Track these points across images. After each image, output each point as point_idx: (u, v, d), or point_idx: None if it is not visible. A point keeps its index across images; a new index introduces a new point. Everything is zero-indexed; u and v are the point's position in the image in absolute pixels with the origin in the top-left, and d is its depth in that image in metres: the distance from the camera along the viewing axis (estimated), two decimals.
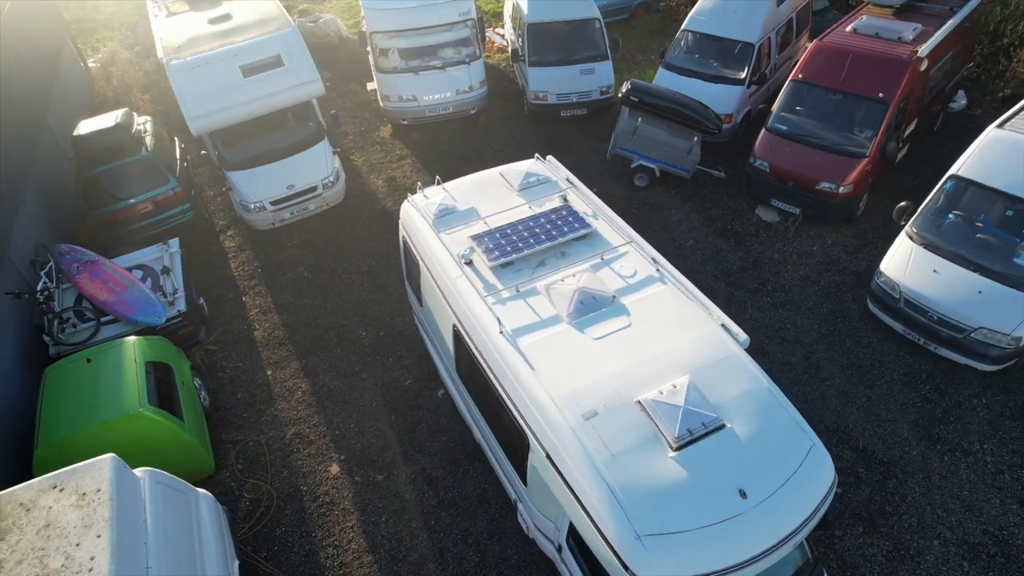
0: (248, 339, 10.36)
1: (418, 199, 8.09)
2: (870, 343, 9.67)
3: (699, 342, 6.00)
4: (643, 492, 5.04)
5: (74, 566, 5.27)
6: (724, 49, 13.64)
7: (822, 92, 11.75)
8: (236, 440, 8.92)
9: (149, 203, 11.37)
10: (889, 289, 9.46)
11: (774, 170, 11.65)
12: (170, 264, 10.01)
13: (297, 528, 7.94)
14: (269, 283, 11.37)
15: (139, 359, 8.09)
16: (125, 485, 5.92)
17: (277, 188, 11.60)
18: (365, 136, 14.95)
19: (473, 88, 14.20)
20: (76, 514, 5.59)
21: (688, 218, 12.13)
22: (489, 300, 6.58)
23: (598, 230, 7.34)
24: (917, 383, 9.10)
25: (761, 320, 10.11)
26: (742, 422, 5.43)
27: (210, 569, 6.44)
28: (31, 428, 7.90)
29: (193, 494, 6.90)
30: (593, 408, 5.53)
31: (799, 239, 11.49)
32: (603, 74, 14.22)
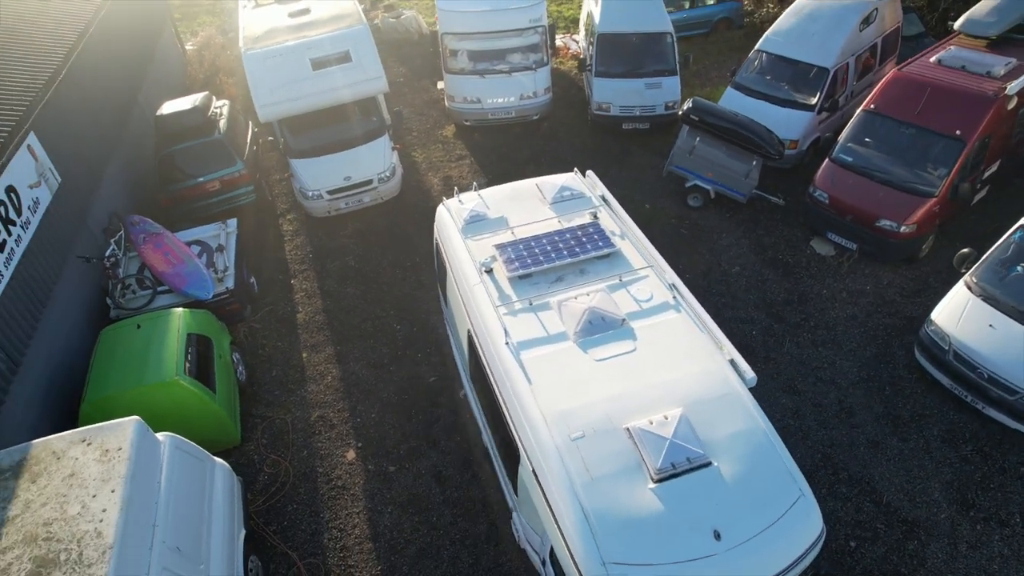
0: (290, 321, 10.86)
1: (453, 203, 8.28)
2: (912, 394, 9.18)
3: (701, 375, 5.90)
4: (616, 520, 5.03)
5: (88, 515, 5.74)
6: (797, 72, 13.20)
7: (894, 125, 11.20)
8: (265, 416, 9.39)
9: (216, 183, 12.08)
10: (938, 339, 8.95)
11: (833, 202, 11.21)
12: (225, 243, 10.62)
13: (307, 507, 8.30)
14: (318, 269, 11.86)
15: (182, 330, 8.64)
16: (145, 447, 6.37)
17: (335, 179, 12.08)
18: (429, 134, 15.32)
19: (537, 94, 14.32)
20: (97, 468, 6.08)
21: (738, 243, 11.82)
22: (501, 310, 6.68)
23: (621, 250, 7.31)
24: (958, 442, 8.57)
25: (798, 356, 9.76)
26: (730, 462, 5.32)
27: (216, 534, 6.84)
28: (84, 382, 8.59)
29: (210, 462, 7.33)
30: (581, 430, 5.55)
31: (852, 276, 11.00)
32: (669, 89, 14.03)
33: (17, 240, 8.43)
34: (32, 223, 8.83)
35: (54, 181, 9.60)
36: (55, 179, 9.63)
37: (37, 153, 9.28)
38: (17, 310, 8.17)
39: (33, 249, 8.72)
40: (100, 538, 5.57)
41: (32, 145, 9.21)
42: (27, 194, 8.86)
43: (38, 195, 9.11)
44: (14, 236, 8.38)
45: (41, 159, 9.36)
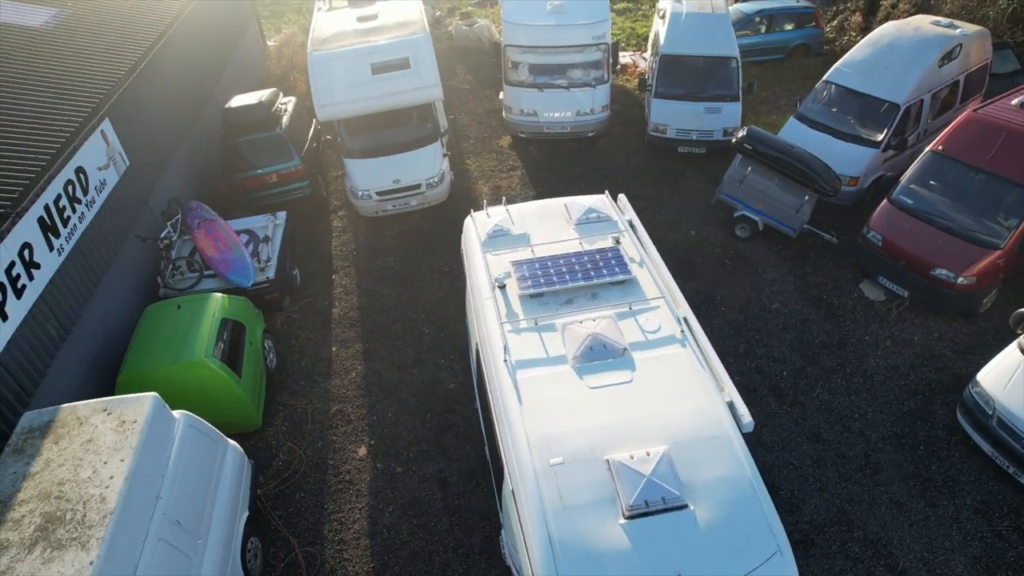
0: (326, 314, 11.24)
1: (480, 216, 8.39)
2: (948, 457, 8.63)
3: (693, 414, 5.77)
4: (580, 552, 4.98)
5: (97, 479, 6.14)
6: (866, 107, 12.65)
7: (963, 169, 10.59)
8: (288, 404, 9.76)
9: (274, 175, 12.66)
10: (982, 402, 8.39)
11: (887, 245, 10.68)
12: (271, 235, 11.11)
13: (314, 497, 8.58)
14: (359, 266, 12.23)
15: (217, 315, 9.09)
16: (159, 422, 6.76)
17: (384, 181, 12.43)
18: (485, 143, 15.53)
19: (594, 111, 14.29)
20: (112, 437, 6.50)
21: (782, 279, 11.43)
22: (506, 327, 6.73)
23: (637, 278, 7.22)
24: (993, 516, 8.00)
25: (828, 403, 9.35)
26: (707, 507, 5.17)
27: (218, 512, 7.17)
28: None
29: (223, 443, 7.69)
30: (562, 455, 5.53)
31: (900, 324, 10.45)
32: (730, 115, 13.72)
33: (80, 217, 9.10)
34: (97, 202, 9.50)
35: (122, 164, 10.30)
36: (123, 162, 10.34)
37: (109, 138, 9.99)
38: (73, 282, 8.80)
39: (95, 226, 9.38)
40: (103, 503, 5.95)
41: (105, 131, 9.92)
42: (95, 175, 9.54)
43: (105, 177, 9.80)
44: (78, 213, 9.05)
45: (112, 143, 10.07)
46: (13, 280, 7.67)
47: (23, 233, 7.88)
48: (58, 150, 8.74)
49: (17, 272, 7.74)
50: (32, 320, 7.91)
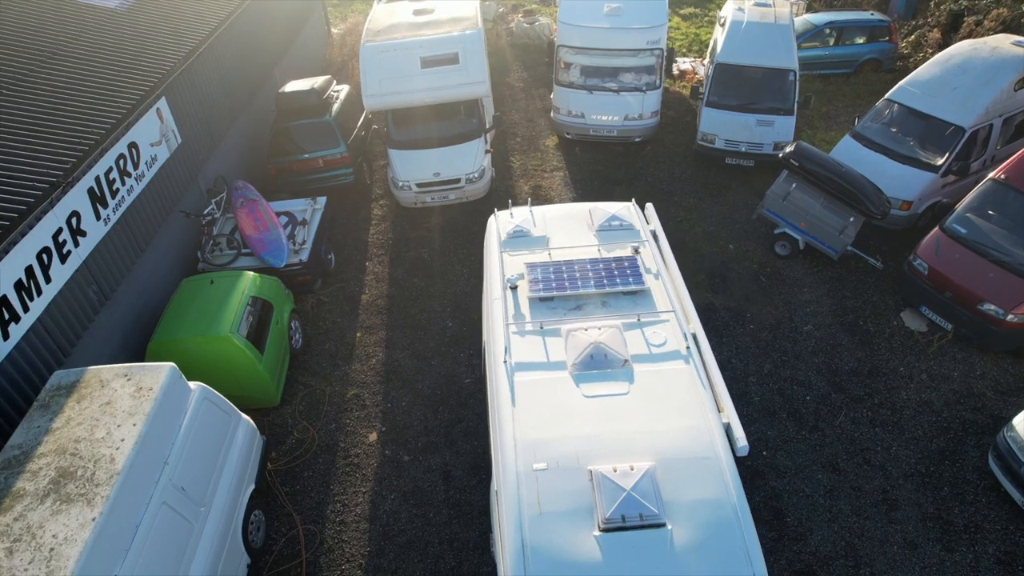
0: (355, 300, 11.50)
1: (504, 215, 8.42)
2: (974, 501, 8.19)
3: (685, 433, 5.66)
4: (551, 560, 4.97)
5: (109, 440, 6.48)
6: (929, 128, 12.05)
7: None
8: (308, 384, 10.04)
9: (320, 161, 13.01)
10: (1017, 448, 7.92)
11: (933, 275, 10.18)
12: (309, 218, 11.43)
13: (321, 477, 8.81)
14: (393, 255, 12.45)
15: (246, 292, 9.42)
16: (173, 392, 7.07)
17: (425, 173, 12.61)
18: (532, 142, 15.54)
19: (643, 117, 14.11)
20: (129, 402, 6.84)
21: (818, 301, 11.04)
22: (511, 328, 6.75)
23: (650, 290, 7.12)
24: (1017, 568, 7.55)
25: (850, 433, 9.00)
26: (685, 529, 5.07)
27: (224, 483, 7.46)
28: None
29: (236, 417, 7.98)
30: (546, 461, 5.52)
31: (940, 359, 9.95)
32: (782, 129, 13.31)
33: (129, 190, 9.58)
34: (146, 177, 9.99)
35: (175, 142, 10.78)
36: (176, 140, 10.82)
37: (164, 116, 10.48)
38: (117, 251, 9.29)
39: (142, 200, 9.86)
40: (112, 464, 6.28)
41: (161, 108, 10.40)
42: (147, 151, 10.03)
43: (157, 152, 10.29)
44: (127, 186, 9.53)
45: (167, 121, 10.55)
46: (59, 246, 8.14)
47: (72, 202, 8.35)
48: (113, 125, 9.22)
49: (64, 239, 8.22)
50: (74, 284, 8.39)
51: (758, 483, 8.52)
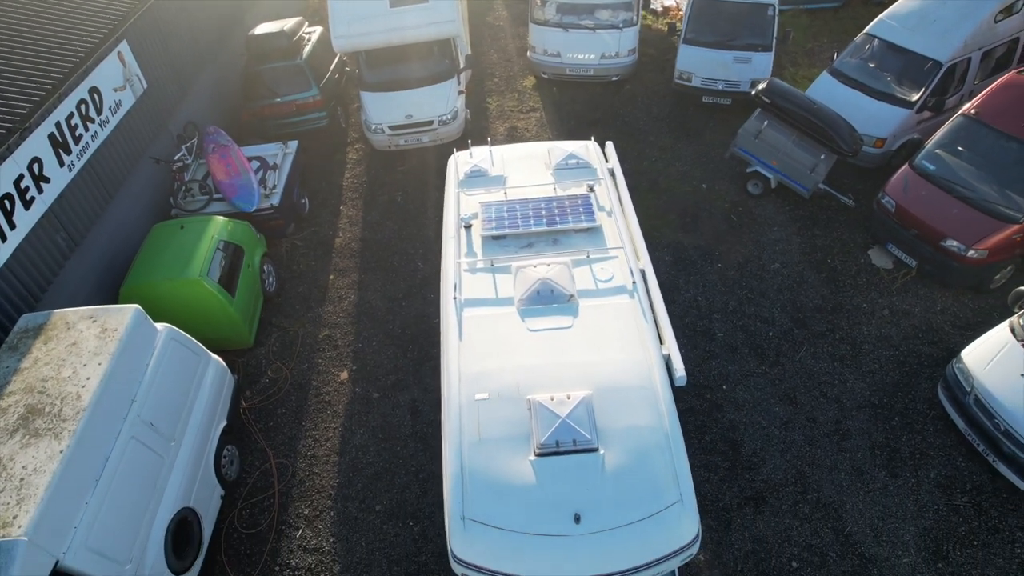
0: (329, 243, 11.61)
1: (463, 155, 8.45)
2: (921, 430, 8.46)
3: (623, 364, 5.85)
4: (486, 481, 5.24)
5: (75, 379, 6.71)
6: (907, 63, 11.87)
7: (995, 137, 9.92)
8: (281, 326, 10.26)
9: (292, 105, 12.91)
10: (963, 379, 8.14)
11: (900, 212, 10.22)
12: (280, 163, 11.43)
13: (293, 414, 9.11)
14: (367, 199, 12.50)
15: (216, 237, 9.53)
16: (138, 332, 7.27)
17: (397, 115, 12.53)
18: (509, 82, 15.34)
19: (619, 55, 13.89)
20: (94, 342, 7.04)
21: (787, 239, 11.11)
22: (463, 265, 6.89)
23: (602, 227, 7.21)
24: (954, 491, 7.87)
25: (809, 367, 9.22)
26: (617, 453, 5.32)
27: (194, 419, 7.75)
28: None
29: (205, 357, 8.21)
30: (488, 392, 5.73)
31: (902, 294, 10.09)
32: (759, 66, 13.11)
33: (93, 136, 9.58)
34: (111, 122, 9.96)
35: (139, 87, 10.70)
36: (141, 85, 10.73)
37: (126, 60, 10.36)
38: (84, 197, 9.36)
39: (108, 146, 9.87)
40: (78, 400, 6.52)
41: (123, 52, 10.28)
42: (110, 96, 9.97)
43: (121, 98, 10.23)
44: (91, 132, 9.52)
45: (129, 65, 10.45)
46: (22, 192, 8.22)
47: (32, 148, 8.38)
48: (71, 69, 9.15)
49: (26, 184, 8.29)
50: (40, 230, 8.50)
51: (716, 416, 8.79)
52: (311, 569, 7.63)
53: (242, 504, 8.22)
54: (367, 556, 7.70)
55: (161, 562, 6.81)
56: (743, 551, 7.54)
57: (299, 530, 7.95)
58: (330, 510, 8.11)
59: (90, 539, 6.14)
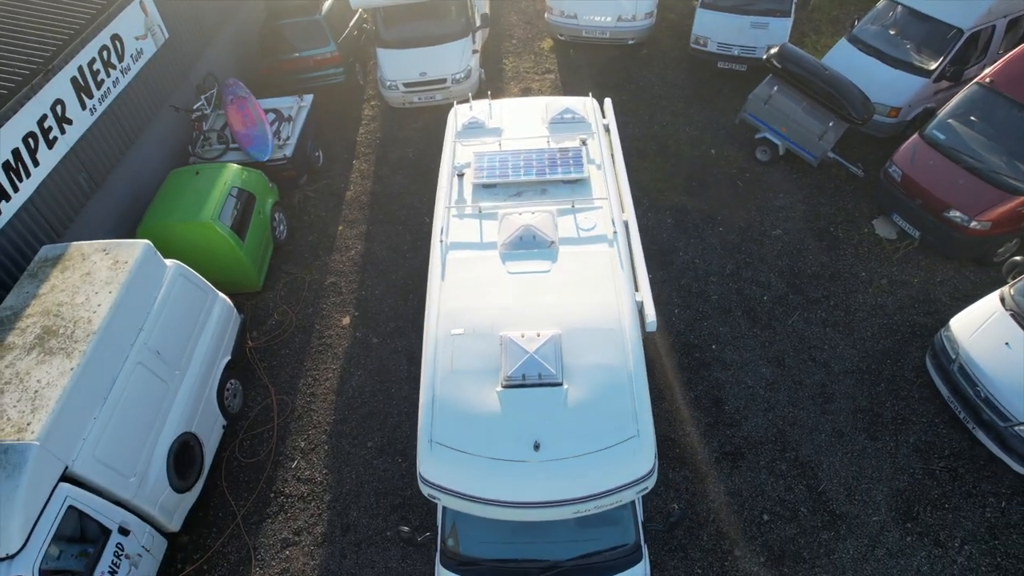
0: (340, 195, 11.95)
1: (463, 108, 8.63)
2: (906, 397, 8.54)
3: (595, 307, 6.07)
4: (454, 408, 5.55)
5: (88, 304, 7.18)
6: (928, 31, 11.62)
7: (1009, 106, 9.74)
8: (290, 272, 10.67)
9: (310, 60, 13.18)
10: (949, 346, 8.19)
11: (905, 181, 10.15)
12: (295, 116, 11.73)
13: (296, 354, 9.54)
14: (379, 154, 12.77)
15: (228, 183, 9.91)
16: (147, 266, 7.70)
17: (411, 72, 12.72)
18: (527, 44, 15.37)
19: (636, 18, 13.82)
20: (106, 273, 7.50)
21: (792, 207, 11.11)
22: (452, 211, 7.14)
23: (590, 179, 7.38)
24: (932, 456, 7.98)
25: (800, 332, 9.32)
26: (580, 389, 5.57)
27: (199, 352, 8.20)
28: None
29: (211, 295, 8.64)
30: (463, 328, 6.02)
31: (903, 265, 10.06)
32: (777, 31, 12.92)
33: (115, 82, 9.98)
34: (132, 70, 10.35)
35: (161, 36, 11.05)
36: (162, 35, 11.08)
37: (148, 10, 10.70)
38: (106, 141, 9.80)
39: (129, 92, 10.27)
40: (89, 324, 6.99)
41: (145, 2, 10.62)
42: (131, 44, 10.34)
43: (142, 47, 10.60)
44: (112, 78, 9.92)
45: (152, 15, 10.79)
46: (45, 131, 8.67)
47: (56, 90, 8.81)
48: (93, 16, 9.52)
49: (49, 125, 8.73)
50: (63, 170, 8.97)
51: (703, 374, 8.98)
52: (303, 497, 8.10)
53: (243, 435, 8.70)
54: (356, 488, 8.13)
55: (163, 479, 7.31)
56: (717, 502, 7.78)
57: (295, 461, 8.41)
58: (324, 444, 8.55)
59: (97, 450, 6.64)
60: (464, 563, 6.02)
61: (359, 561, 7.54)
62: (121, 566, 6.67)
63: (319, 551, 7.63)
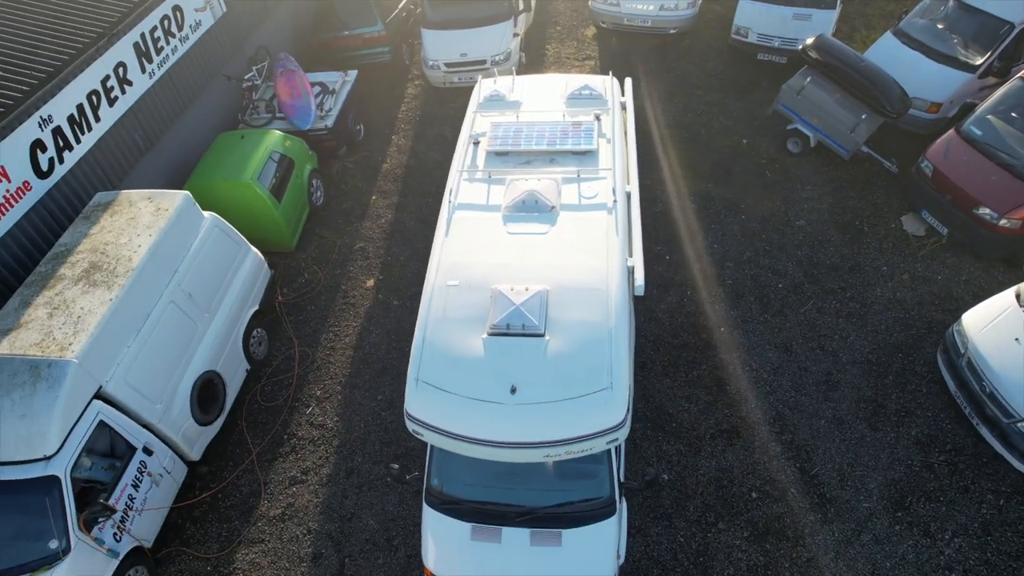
0: (376, 168, 12.50)
1: (487, 82, 8.99)
2: (913, 390, 8.46)
3: (585, 268, 6.33)
4: (441, 350, 5.91)
5: (130, 245, 7.87)
6: (978, 25, 11.34)
7: None
8: (322, 235, 11.27)
9: (359, 38, 13.78)
10: (959, 341, 8.08)
11: (936, 177, 9.97)
12: (338, 90, 12.33)
13: (321, 311, 10.11)
14: (417, 131, 13.27)
15: (270, 148, 10.55)
16: (186, 215, 8.36)
17: (453, 53, 13.15)
18: (571, 30, 15.61)
19: (678, 7, 13.88)
20: (149, 218, 8.19)
21: (819, 199, 11.03)
22: (464, 175, 7.51)
23: (598, 151, 7.61)
24: (932, 449, 7.90)
25: (812, 321, 9.31)
26: (561, 341, 5.84)
27: (229, 299, 8.84)
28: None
29: (244, 248, 9.27)
30: (459, 280, 6.38)
31: (928, 262, 9.90)
32: (820, 23, 12.78)
33: (173, 50, 10.76)
34: (190, 39, 11.12)
35: (219, 9, 11.80)
36: (220, 8, 11.83)
37: None
38: (161, 104, 10.58)
39: (187, 60, 11.04)
40: (129, 262, 7.68)
41: None
42: (191, 16, 11.11)
43: (201, 18, 11.35)
44: (171, 46, 10.70)
45: None
46: (107, 91, 9.46)
47: (118, 53, 9.59)
48: None
49: (111, 85, 9.52)
50: (121, 127, 9.76)
51: (708, 354, 9.09)
52: (314, 440, 8.63)
53: (265, 381, 9.31)
54: (363, 436, 8.62)
55: (186, 410, 7.95)
56: (707, 476, 7.92)
57: (309, 408, 8.97)
58: (338, 394, 9.07)
59: (129, 375, 7.31)
60: (446, 502, 6.40)
61: (359, 502, 8.01)
62: (143, 482, 7.33)
63: (323, 490, 8.15)
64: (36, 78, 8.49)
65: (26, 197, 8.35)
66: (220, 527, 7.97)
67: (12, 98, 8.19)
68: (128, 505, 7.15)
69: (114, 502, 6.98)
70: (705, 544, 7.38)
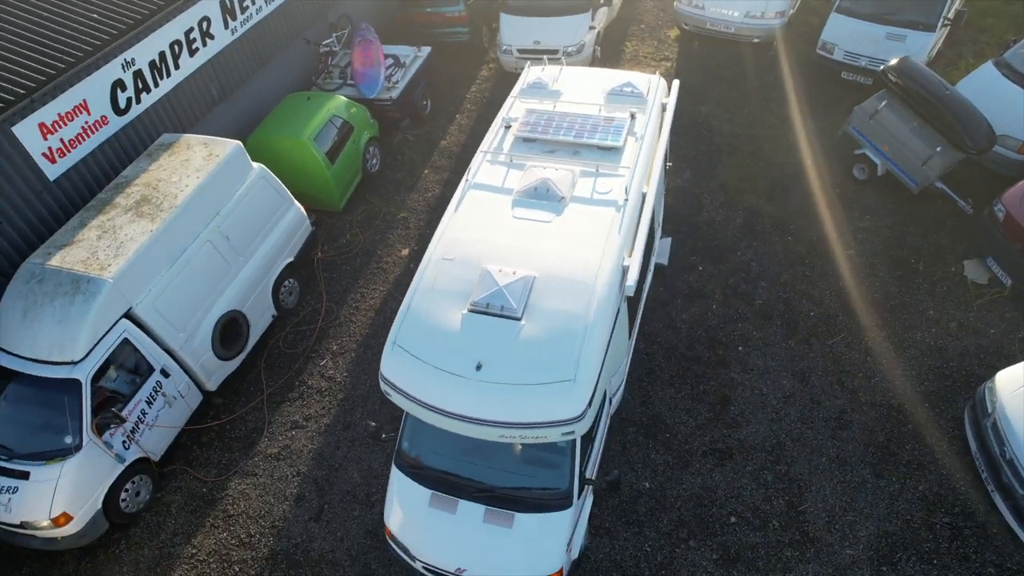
0: (435, 143, 12.83)
1: (535, 70, 9.06)
2: (930, 444, 7.94)
3: (576, 260, 6.33)
4: (420, 319, 6.12)
5: (179, 184, 8.51)
6: None
7: None
8: (370, 201, 11.71)
9: (441, 16, 14.12)
10: (988, 399, 7.51)
11: (1008, 223, 9.23)
12: (409, 64, 12.70)
13: (353, 272, 10.55)
14: (481, 113, 13.49)
15: (332, 112, 11.06)
16: (234, 163, 8.93)
17: (527, 39, 13.27)
18: (654, 30, 15.35)
19: (765, 16, 13.38)
20: (200, 161, 8.81)
21: (876, 230, 10.43)
22: (487, 156, 7.64)
23: (623, 149, 7.55)
24: (938, 509, 7.41)
25: (838, 355, 8.87)
26: (536, 327, 5.90)
27: (265, 247, 9.39)
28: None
29: (288, 201, 9.79)
30: (455, 255, 6.55)
31: (983, 313, 9.19)
32: (915, 46, 11.98)
33: (258, 10, 11.44)
34: (275, 2, 11.75)
35: None
36: None
37: None
38: (240, 60, 11.28)
39: (269, 21, 11.70)
40: (175, 199, 8.32)
41: None
42: None
43: None
44: (256, 6, 11.38)
45: None
46: (189, 42, 10.19)
47: (204, 8, 10.30)
48: None
49: (194, 37, 10.25)
50: (199, 76, 10.50)
51: (719, 371, 8.86)
52: (321, 391, 9.08)
53: (289, 329, 9.85)
54: (367, 394, 8.98)
55: (208, 343, 8.55)
56: (689, 492, 7.77)
57: (324, 360, 9.42)
58: (352, 352, 9.47)
59: (158, 302, 7.95)
60: (413, 466, 6.62)
61: (349, 455, 8.38)
62: (157, 400, 7.97)
63: (319, 438, 8.57)
64: (125, 24, 9.27)
65: (102, 130, 9.17)
66: (222, 455, 8.55)
67: (100, 40, 8.99)
68: (140, 419, 7.80)
69: (127, 413, 7.63)
70: (671, 558, 7.27)
